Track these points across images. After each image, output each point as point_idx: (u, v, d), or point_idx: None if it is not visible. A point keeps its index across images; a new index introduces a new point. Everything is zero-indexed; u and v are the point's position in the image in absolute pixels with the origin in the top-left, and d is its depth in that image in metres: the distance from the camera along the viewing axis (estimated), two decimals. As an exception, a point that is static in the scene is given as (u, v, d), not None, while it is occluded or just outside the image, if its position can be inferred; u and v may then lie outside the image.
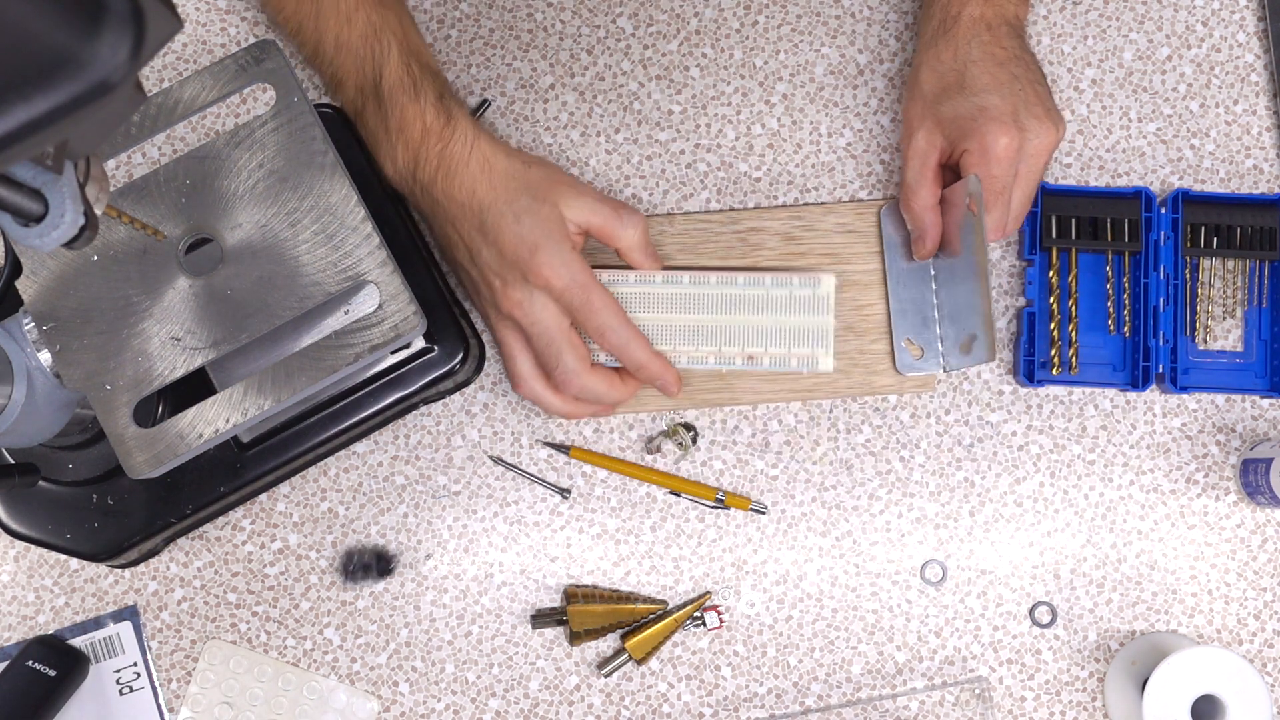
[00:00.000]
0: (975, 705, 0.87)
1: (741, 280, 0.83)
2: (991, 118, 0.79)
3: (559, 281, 0.78)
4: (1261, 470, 0.85)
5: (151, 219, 0.72)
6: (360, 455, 0.89)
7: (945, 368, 0.87)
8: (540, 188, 0.79)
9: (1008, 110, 0.79)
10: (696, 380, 0.88)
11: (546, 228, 0.78)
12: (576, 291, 0.78)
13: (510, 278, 0.79)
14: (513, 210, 0.78)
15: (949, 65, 0.82)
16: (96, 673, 0.87)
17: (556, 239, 0.78)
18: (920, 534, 0.89)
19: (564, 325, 0.80)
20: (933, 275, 0.88)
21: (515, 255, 0.78)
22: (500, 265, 0.79)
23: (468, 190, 0.79)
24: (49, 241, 0.54)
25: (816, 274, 0.83)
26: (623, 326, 0.80)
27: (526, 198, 0.79)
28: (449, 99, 0.81)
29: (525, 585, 0.88)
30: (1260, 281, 0.90)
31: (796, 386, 0.88)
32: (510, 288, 0.79)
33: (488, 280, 0.80)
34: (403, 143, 0.80)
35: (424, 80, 0.81)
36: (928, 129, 0.82)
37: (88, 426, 0.80)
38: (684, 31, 0.92)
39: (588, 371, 0.81)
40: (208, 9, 0.92)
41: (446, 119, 0.80)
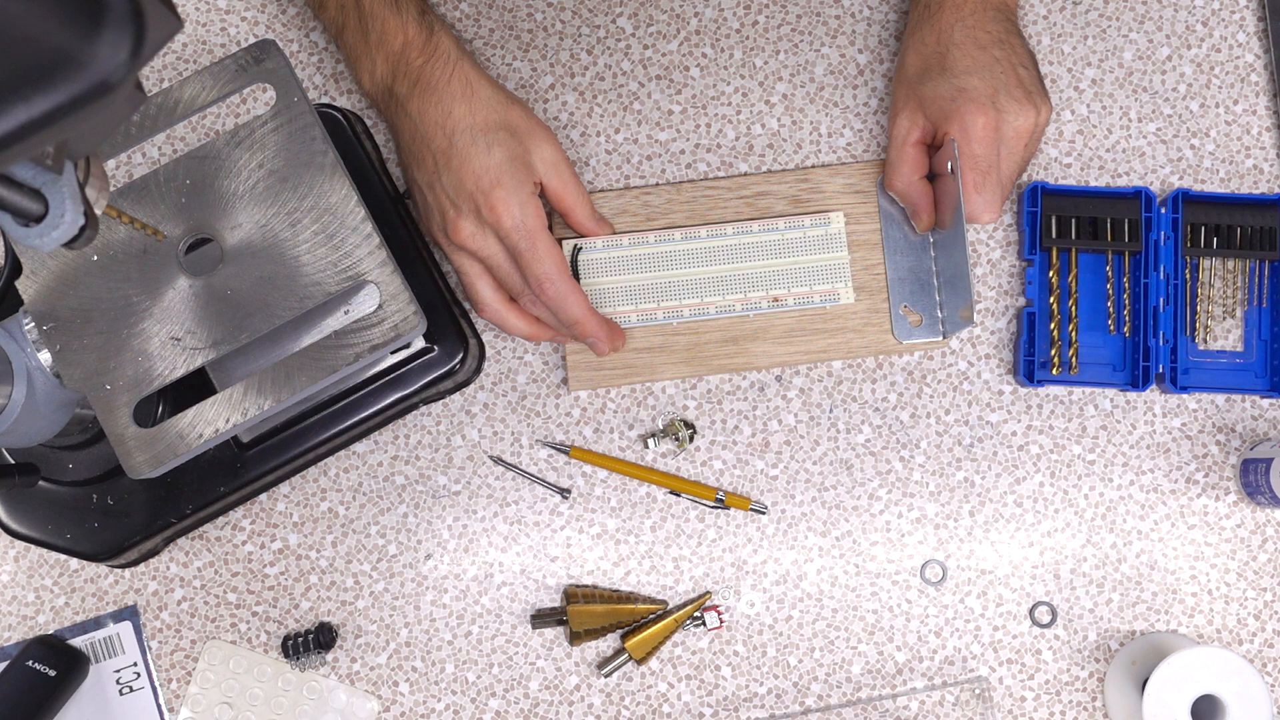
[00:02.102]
0: (975, 705, 0.87)
1: (756, 228, 0.87)
2: (970, 99, 0.80)
3: (509, 221, 0.78)
4: (1261, 470, 0.85)
5: (151, 219, 0.72)
6: (360, 455, 0.89)
7: (944, 333, 0.88)
8: (518, 127, 0.80)
9: (986, 92, 0.80)
10: (709, 347, 0.88)
11: (513, 166, 0.78)
12: (523, 235, 0.79)
13: (465, 208, 0.79)
14: (486, 139, 0.78)
15: (932, 48, 0.83)
16: (96, 673, 0.87)
17: (520, 179, 0.79)
18: (920, 534, 0.89)
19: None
20: (931, 243, 0.88)
21: (475, 185, 0.78)
22: (457, 193, 0.79)
23: (444, 109, 0.79)
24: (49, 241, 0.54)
25: (825, 214, 0.86)
26: (562, 279, 0.80)
27: (503, 132, 0.79)
28: (431, 16, 0.81)
29: (525, 585, 0.88)
30: (1260, 281, 0.90)
31: (811, 348, 0.88)
32: (462, 219, 0.79)
33: (441, 206, 0.80)
34: (382, 54, 0.80)
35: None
36: (910, 110, 0.83)
37: (88, 426, 0.80)
38: (684, 31, 0.92)
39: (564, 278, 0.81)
40: (208, 9, 0.92)
41: (429, 34, 0.80)
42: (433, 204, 0.81)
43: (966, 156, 0.80)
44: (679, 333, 0.88)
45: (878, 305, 0.89)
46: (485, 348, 0.89)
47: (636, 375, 0.88)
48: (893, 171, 0.85)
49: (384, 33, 0.80)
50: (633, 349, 0.88)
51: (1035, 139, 0.83)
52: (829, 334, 0.89)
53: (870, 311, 0.89)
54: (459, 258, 0.82)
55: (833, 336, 0.89)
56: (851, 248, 0.89)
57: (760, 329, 0.88)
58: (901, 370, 0.90)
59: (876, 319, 0.89)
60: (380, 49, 0.81)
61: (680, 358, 0.88)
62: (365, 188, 0.84)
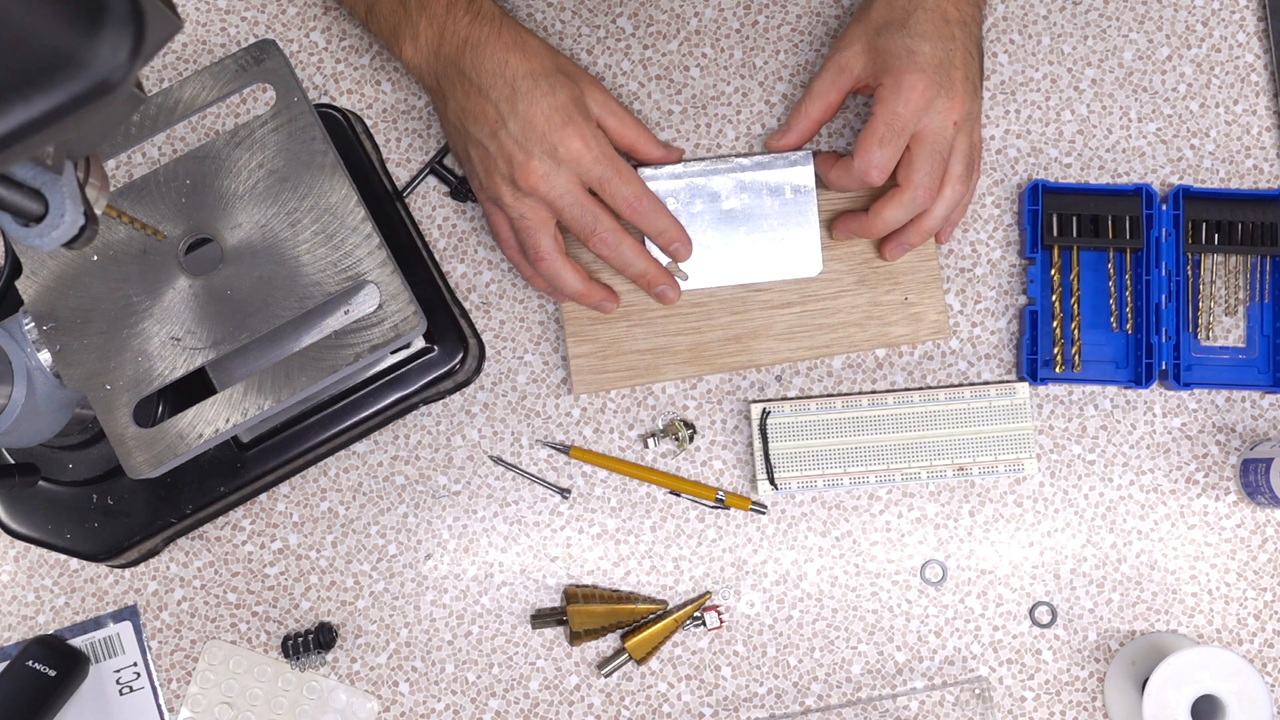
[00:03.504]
0: (975, 705, 0.87)
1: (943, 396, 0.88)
2: (915, 63, 0.80)
3: (590, 152, 0.79)
4: (1261, 470, 0.85)
5: (151, 219, 0.72)
6: (360, 455, 0.89)
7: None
8: (572, 72, 0.82)
9: (933, 62, 0.80)
10: (712, 346, 0.88)
11: (579, 104, 0.80)
12: (608, 162, 0.80)
13: (536, 150, 0.79)
14: (549, 82, 0.79)
15: (901, 4, 0.82)
16: (96, 673, 0.87)
17: (586, 115, 0.80)
18: (920, 534, 0.89)
19: (587, 193, 0.81)
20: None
21: (548, 125, 0.78)
22: (526, 136, 0.79)
23: (500, 60, 0.79)
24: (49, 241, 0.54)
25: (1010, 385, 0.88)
26: (650, 196, 0.82)
27: (561, 75, 0.80)
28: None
29: (525, 585, 0.88)
30: (1262, 277, 0.90)
31: (814, 343, 0.88)
32: (533, 160, 0.79)
33: (508, 153, 0.79)
34: (425, 18, 0.81)
35: None
36: (858, 51, 0.83)
37: (88, 426, 0.80)
38: (684, 31, 0.92)
39: (624, 232, 0.82)
40: (208, 9, 0.92)
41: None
42: (496, 154, 0.80)
43: (886, 111, 0.80)
44: (681, 332, 0.88)
45: (878, 298, 0.89)
46: (485, 348, 0.89)
47: (640, 376, 0.88)
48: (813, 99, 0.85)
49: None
50: (634, 350, 0.88)
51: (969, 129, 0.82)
52: (831, 329, 0.89)
53: (871, 305, 0.89)
54: (521, 206, 0.81)
55: (834, 332, 0.89)
56: (851, 241, 0.89)
57: (762, 326, 0.88)
58: (902, 370, 0.89)
59: (878, 312, 0.89)
60: (423, 14, 0.81)
61: (683, 358, 0.88)
62: (365, 188, 0.84)
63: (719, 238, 0.88)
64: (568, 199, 0.80)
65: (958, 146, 0.82)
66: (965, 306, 0.90)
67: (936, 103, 0.80)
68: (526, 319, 0.90)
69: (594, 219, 0.81)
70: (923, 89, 0.79)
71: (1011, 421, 0.88)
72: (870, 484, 0.88)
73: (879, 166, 0.80)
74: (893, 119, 0.80)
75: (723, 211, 0.88)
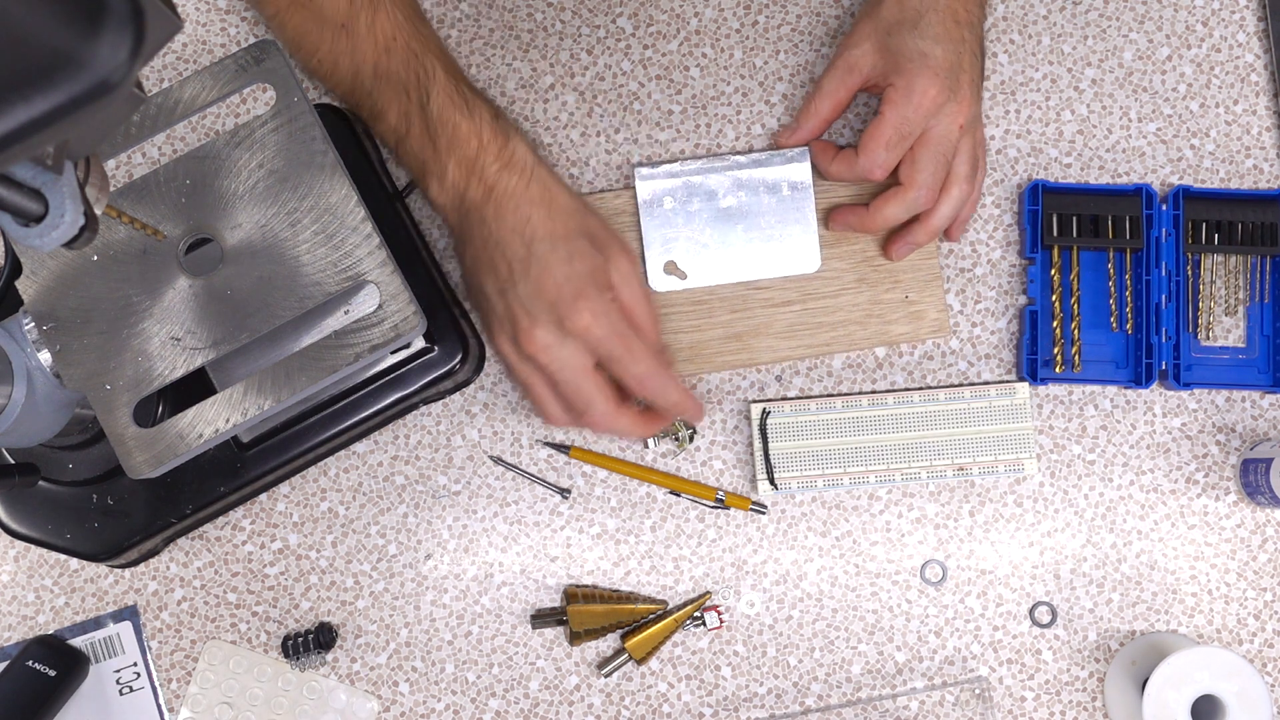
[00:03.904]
0: (975, 705, 0.87)
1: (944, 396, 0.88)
2: (929, 65, 0.80)
3: (599, 330, 0.76)
4: (1261, 470, 0.85)
5: (151, 219, 0.72)
6: (360, 455, 0.89)
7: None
8: (598, 237, 0.78)
9: (945, 66, 0.80)
10: (712, 345, 0.88)
11: (595, 277, 0.76)
12: (617, 340, 0.76)
13: (542, 318, 0.76)
14: (567, 248, 0.76)
15: (912, 5, 0.82)
16: (96, 673, 0.87)
17: (601, 288, 0.77)
18: (920, 534, 0.89)
19: (589, 367, 0.78)
20: None
21: (557, 295, 0.75)
22: (534, 303, 0.76)
23: (522, 216, 0.77)
24: (49, 241, 0.54)
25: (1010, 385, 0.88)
26: (661, 372, 0.78)
27: (583, 240, 0.77)
28: (505, 121, 0.80)
29: (525, 585, 0.88)
30: (1262, 277, 0.90)
31: (815, 341, 0.88)
32: (537, 328, 0.76)
33: (513, 315, 0.77)
34: (454, 160, 0.78)
35: (475, 100, 0.79)
36: (868, 50, 0.83)
37: (88, 426, 0.80)
38: (684, 31, 0.92)
39: (619, 411, 0.79)
40: (208, 9, 0.92)
41: (504, 140, 0.78)
42: (503, 313, 0.78)
43: (897, 115, 0.80)
44: (681, 331, 0.88)
45: (879, 296, 0.89)
46: (485, 348, 0.89)
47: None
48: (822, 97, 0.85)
49: (455, 139, 0.78)
50: None
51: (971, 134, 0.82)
52: (831, 328, 0.89)
53: (872, 303, 0.89)
54: (525, 369, 0.79)
55: (835, 330, 0.89)
56: (850, 239, 0.89)
57: (762, 325, 0.88)
58: (902, 370, 0.89)
59: (878, 311, 0.89)
60: (451, 154, 0.78)
61: (683, 356, 0.88)
62: (365, 188, 0.84)
63: (717, 236, 0.88)
64: (566, 374, 0.77)
65: (962, 148, 0.82)
66: (965, 306, 0.90)
67: (946, 107, 0.80)
68: (526, 319, 0.90)
69: (587, 402, 0.78)
70: (934, 94, 0.79)
71: (1011, 421, 0.88)
72: (870, 484, 0.88)
73: (883, 166, 0.81)
74: (902, 123, 0.80)
75: (720, 210, 0.88)
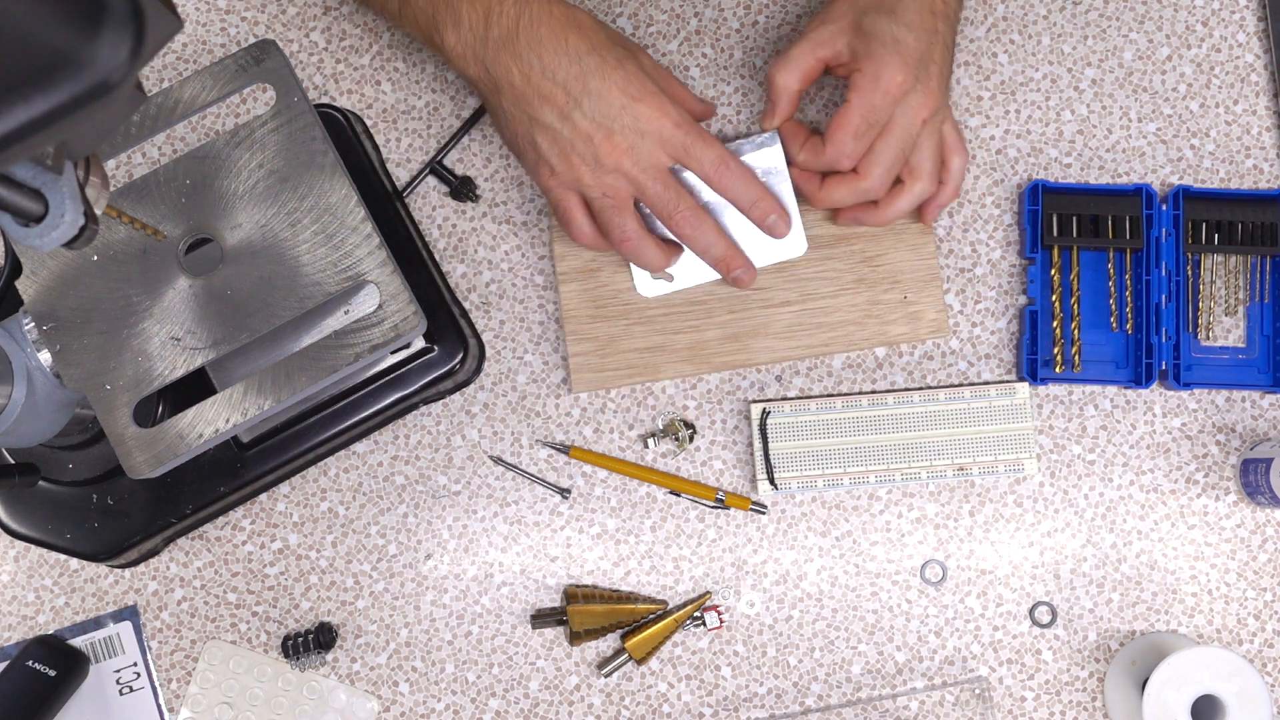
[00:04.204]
0: (975, 705, 0.87)
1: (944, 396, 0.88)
2: (900, 52, 0.78)
3: (671, 119, 0.78)
4: (1261, 470, 0.85)
5: (151, 219, 0.72)
6: (360, 455, 0.89)
7: None
8: (624, 43, 0.80)
9: (916, 54, 0.79)
10: (711, 345, 0.88)
11: (645, 74, 0.78)
12: (689, 127, 0.78)
13: (617, 125, 0.77)
14: (614, 55, 0.78)
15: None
16: (96, 673, 0.87)
17: (654, 84, 0.78)
18: (920, 534, 0.89)
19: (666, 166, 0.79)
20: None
21: (624, 99, 0.77)
22: (605, 113, 0.77)
23: (559, 38, 0.77)
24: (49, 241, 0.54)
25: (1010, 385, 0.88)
26: (735, 160, 0.80)
27: (620, 47, 0.79)
28: None
29: (525, 585, 0.88)
30: (1262, 277, 0.90)
31: (813, 341, 0.88)
32: (616, 135, 0.77)
33: (585, 133, 0.77)
34: (467, 2, 0.78)
35: None
36: (842, 28, 0.81)
37: (88, 426, 0.80)
38: (684, 31, 0.92)
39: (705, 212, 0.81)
40: (208, 9, 0.92)
41: None
42: (571, 135, 0.78)
43: (864, 102, 0.79)
44: (680, 331, 0.88)
45: (878, 297, 0.89)
46: (485, 348, 0.89)
47: (639, 375, 0.88)
48: (787, 65, 0.82)
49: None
50: (633, 348, 0.88)
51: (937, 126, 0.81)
52: (830, 328, 0.89)
53: (870, 304, 0.89)
54: (603, 184, 0.79)
55: (833, 330, 0.89)
56: (850, 240, 0.89)
57: (761, 325, 0.88)
58: (902, 370, 0.90)
59: (877, 311, 0.89)
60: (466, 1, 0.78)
61: (682, 356, 0.88)
62: (365, 188, 0.84)
63: None
64: (652, 173, 0.79)
65: (924, 142, 0.81)
66: (965, 306, 0.90)
67: (911, 97, 0.79)
68: (526, 319, 0.90)
69: (676, 196, 0.80)
70: (901, 81, 0.78)
71: (1011, 421, 0.88)
72: (870, 484, 0.88)
73: (850, 156, 0.80)
74: (870, 111, 0.79)
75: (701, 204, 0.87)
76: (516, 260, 0.90)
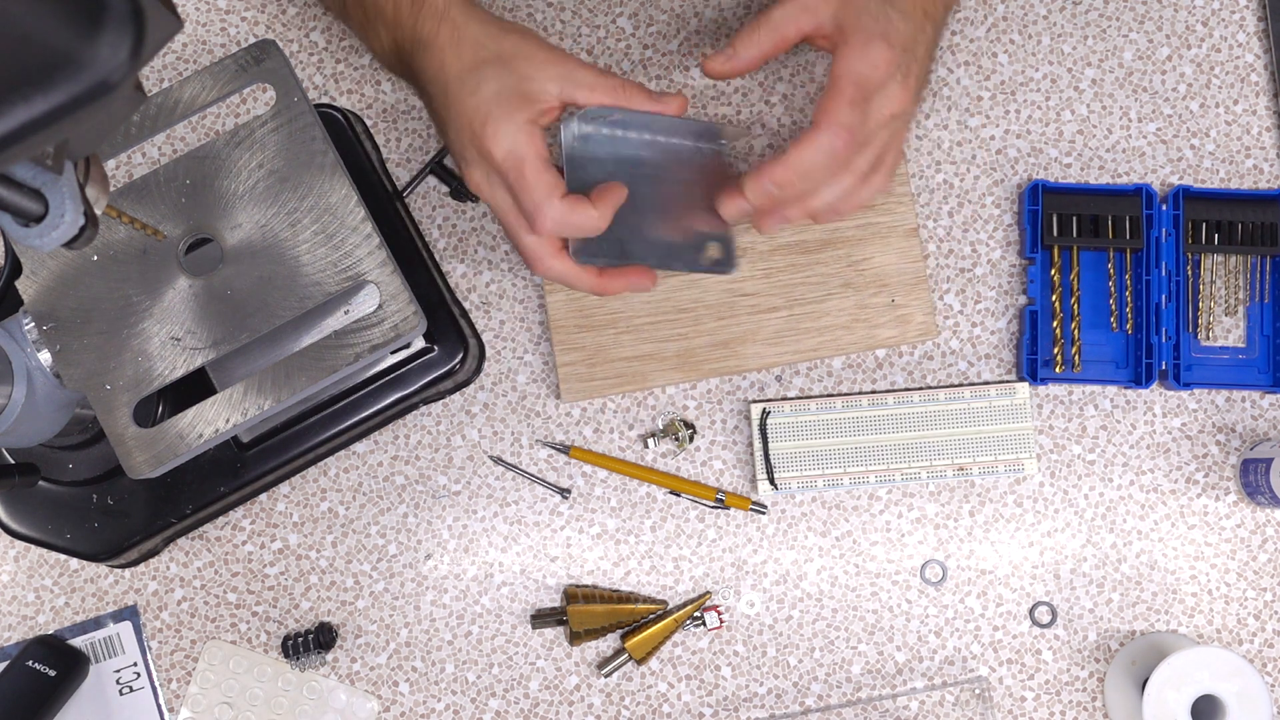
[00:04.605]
0: (975, 705, 0.87)
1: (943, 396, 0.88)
2: (890, 36, 0.73)
3: (499, 153, 0.72)
4: (1261, 470, 0.85)
5: (151, 219, 0.72)
6: (360, 455, 0.89)
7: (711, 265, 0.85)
8: (512, 57, 0.74)
9: (903, 41, 0.74)
10: (700, 352, 0.88)
11: (501, 97, 0.72)
12: (511, 166, 0.72)
13: (469, 155, 0.75)
14: (474, 79, 0.73)
15: None
16: (96, 673, 0.87)
17: (510, 108, 0.72)
18: (920, 534, 0.89)
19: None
20: None
21: (470, 130, 0.73)
22: (460, 143, 0.75)
23: (437, 64, 0.75)
24: (49, 241, 0.54)
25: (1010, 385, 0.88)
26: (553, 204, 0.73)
27: (491, 66, 0.73)
28: None
29: (525, 585, 0.88)
30: (1262, 277, 0.90)
31: (801, 347, 0.88)
32: (470, 167, 0.75)
33: (460, 160, 0.76)
34: (381, 24, 0.77)
35: None
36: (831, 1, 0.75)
37: (88, 426, 0.80)
38: (684, 31, 0.92)
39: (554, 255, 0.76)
40: (208, 9, 0.92)
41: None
42: (454, 152, 0.77)
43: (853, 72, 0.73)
44: (669, 339, 0.88)
45: (865, 301, 0.89)
46: (485, 348, 0.89)
47: (629, 384, 0.88)
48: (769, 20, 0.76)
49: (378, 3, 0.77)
50: (622, 357, 0.88)
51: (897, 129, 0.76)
52: (818, 333, 0.88)
53: (858, 307, 0.89)
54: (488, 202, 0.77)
55: (822, 335, 0.88)
56: (836, 245, 0.89)
57: (749, 331, 0.88)
58: (902, 370, 0.90)
59: (865, 315, 0.89)
60: (379, 19, 0.77)
61: (671, 364, 0.88)
62: (365, 188, 0.84)
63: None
64: (503, 206, 0.75)
65: (875, 140, 0.76)
66: (965, 306, 0.90)
67: (889, 85, 0.74)
68: (526, 319, 0.90)
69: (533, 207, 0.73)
70: (885, 65, 0.73)
71: (1011, 421, 0.88)
72: (870, 484, 0.88)
73: (849, 128, 0.73)
74: (863, 81, 0.73)
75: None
76: (516, 260, 0.90)
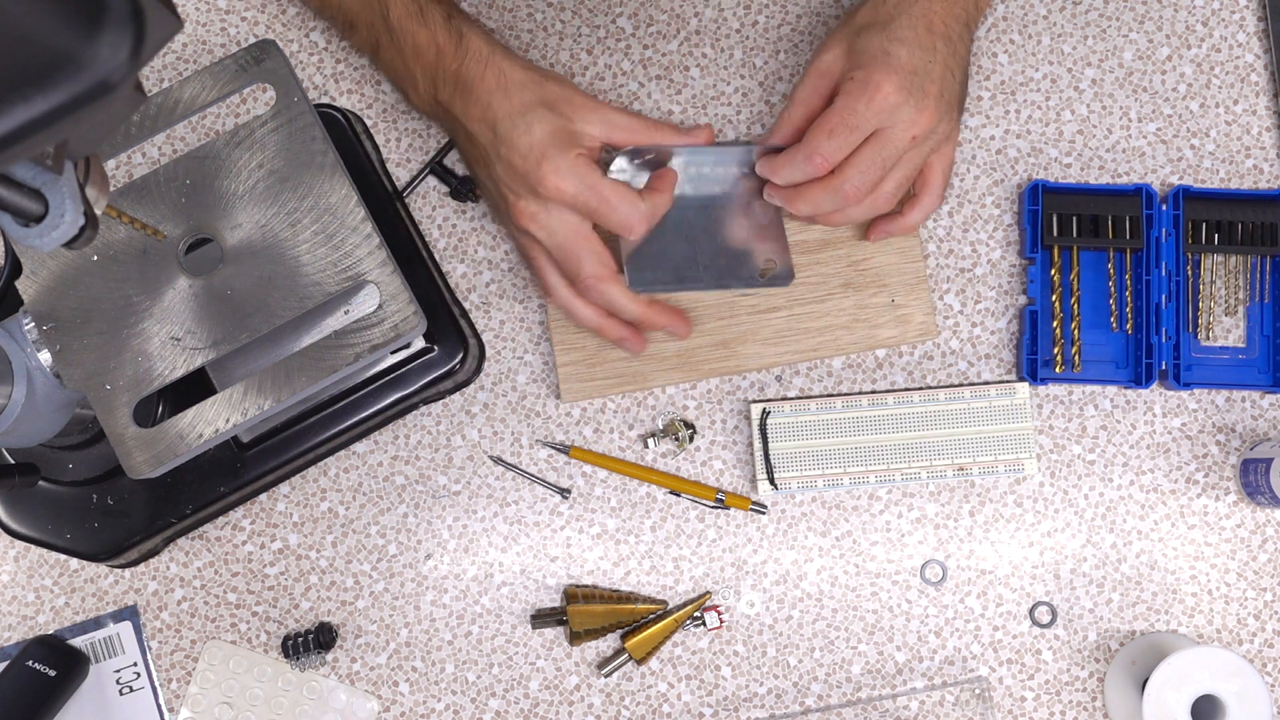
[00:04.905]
0: (975, 705, 0.87)
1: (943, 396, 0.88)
2: (889, 63, 0.77)
3: (570, 186, 0.78)
4: (1261, 470, 0.85)
5: (151, 219, 0.72)
6: (360, 455, 0.89)
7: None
8: (556, 101, 0.80)
9: (907, 67, 0.78)
10: (700, 352, 0.88)
11: (555, 138, 0.79)
12: (589, 194, 0.78)
13: (521, 190, 0.80)
14: (525, 120, 0.79)
15: (887, 11, 0.80)
16: (96, 673, 0.87)
17: (564, 147, 0.78)
18: (920, 534, 0.89)
19: (583, 230, 0.80)
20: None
21: (524, 166, 0.79)
22: (511, 178, 0.80)
23: (483, 104, 0.80)
24: (49, 241, 0.54)
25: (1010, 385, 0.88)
26: (645, 221, 0.80)
27: (540, 109, 0.80)
28: (457, 18, 0.83)
29: (525, 585, 0.88)
30: (1262, 277, 0.90)
31: (801, 347, 0.88)
32: (522, 200, 0.80)
33: (502, 194, 0.81)
34: (420, 68, 0.83)
35: (429, 6, 0.82)
36: (839, 54, 0.81)
37: (88, 426, 0.80)
38: (684, 31, 0.92)
39: (611, 279, 0.81)
40: (208, 9, 0.92)
41: (458, 38, 0.81)
42: (495, 194, 0.83)
43: (844, 105, 0.78)
44: (669, 338, 0.88)
45: (865, 301, 0.89)
46: (485, 348, 0.89)
47: (628, 384, 0.88)
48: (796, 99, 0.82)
49: (416, 47, 0.82)
50: (621, 357, 0.88)
51: (929, 149, 0.81)
52: (818, 333, 0.88)
53: (858, 308, 0.89)
54: (525, 242, 0.83)
55: (821, 335, 0.88)
56: (836, 244, 0.89)
57: (749, 331, 0.88)
58: (902, 370, 0.90)
59: (865, 315, 0.89)
60: (417, 63, 0.83)
61: (671, 364, 0.88)
62: (365, 188, 0.84)
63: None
64: (557, 238, 0.80)
65: (906, 161, 0.80)
66: (965, 306, 0.90)
67: (902, 109, 0.78)
68: (526, 319, 0.90)
69: (577, 265, 0.80)
70: (888, 90, 0.77)
71: (1011, 421, 0.88)
72: (870, 484, 0.88)
73: (823, 155, 0.78)
74: (848, 114, 0.78)
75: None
76: (516, 260, 0.90)
